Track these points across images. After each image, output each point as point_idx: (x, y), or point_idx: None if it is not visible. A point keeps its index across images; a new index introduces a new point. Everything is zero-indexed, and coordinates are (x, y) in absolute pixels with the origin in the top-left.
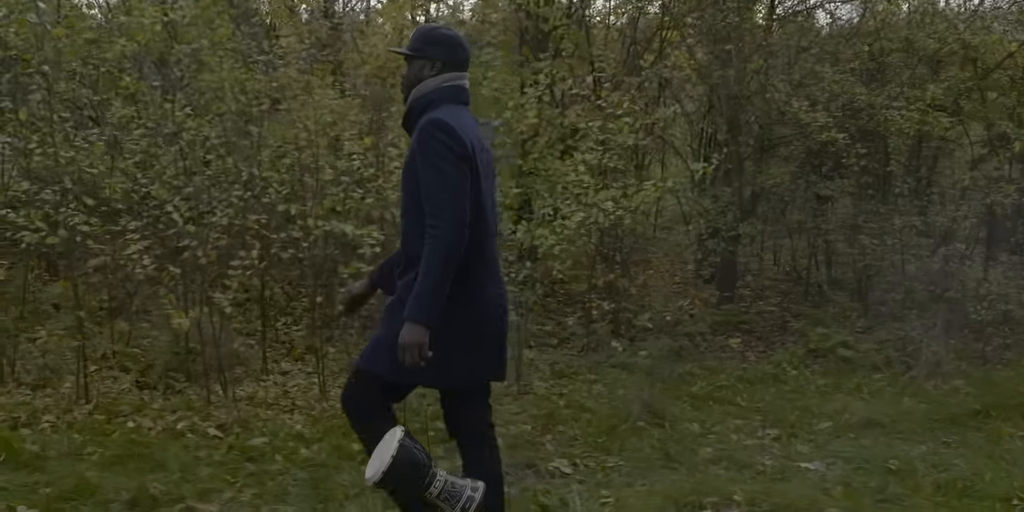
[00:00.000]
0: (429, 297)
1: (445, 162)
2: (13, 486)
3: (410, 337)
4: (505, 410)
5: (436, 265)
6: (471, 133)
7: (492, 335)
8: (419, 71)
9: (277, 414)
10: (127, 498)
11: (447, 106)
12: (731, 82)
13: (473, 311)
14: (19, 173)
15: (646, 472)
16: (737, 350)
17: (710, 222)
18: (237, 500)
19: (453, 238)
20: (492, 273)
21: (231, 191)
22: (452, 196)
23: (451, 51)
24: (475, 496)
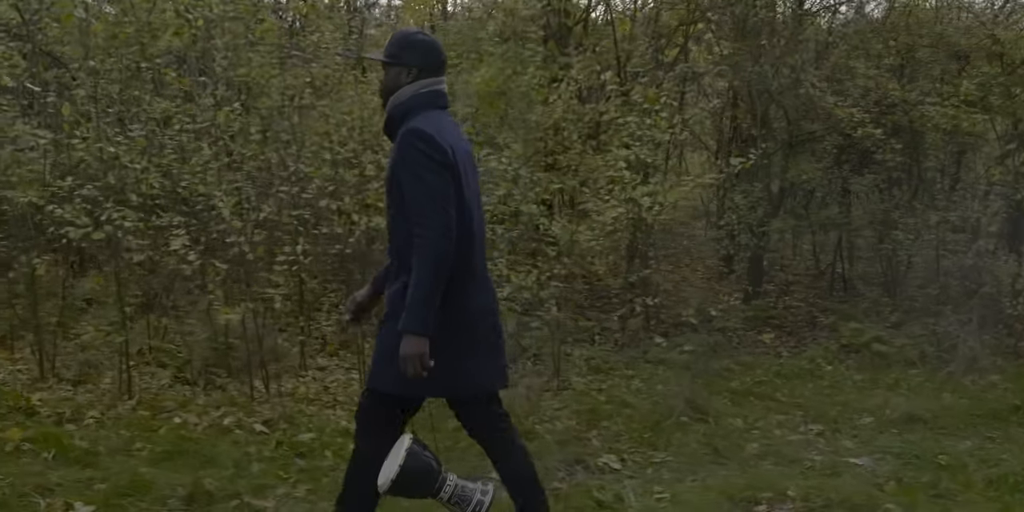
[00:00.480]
0: (423, 307)
1: (427, 171)
2: (68, 482)
3: (410, 349)
4: (547, 406)
5: (427, 275)
6: (452, 138)
7: (488, 340)
8: (396, 78)
9: (320, 409)
10: (183, 494)
11: (426, 112)
12: (768, 77)
13: (466, 317)
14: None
15: (695, 467)
16: (770, 345)
17: (741, 217)
18: (291, 496)
19: (441, 247)
20: (481, 278)
21: (277, 186)
22: (437, 205)
23: (427, 56)
24: (485, 500)
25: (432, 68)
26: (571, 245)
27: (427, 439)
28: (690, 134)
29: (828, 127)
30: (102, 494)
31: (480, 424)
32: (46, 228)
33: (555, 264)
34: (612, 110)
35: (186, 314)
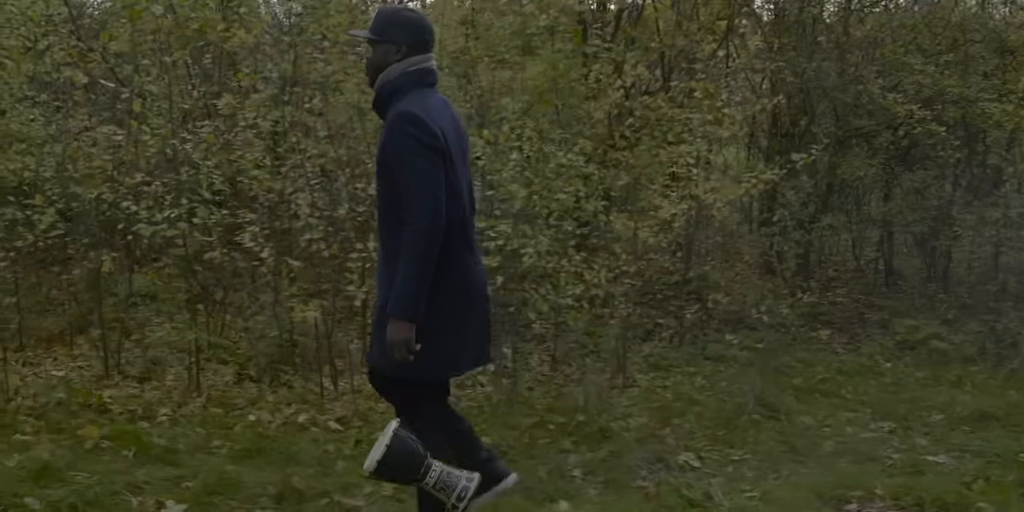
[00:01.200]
0: (410, 292)
1: (417, 156)
2: (155, 480)
3: (395, 334)
4: (617, 403)
5: (415, 260)
6: (441, 118)
7: (483, 320)
8: (384, 55)
9: (389, 407)
10: (273, 492)
11: (415, 91)
12: (831, 74)
13: (464, 297)
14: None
15: (774, 465)
16: (825, 342)
17: (793, 214)
18: (379, 494)
19: (430, 232)
20: (474, 255)
21: (353, 183)
22: (426, 189)
23: (415, 33)
24: (470, 486)
25: (420, 45)
26: (634, 242)
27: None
28: (746, 130)
29: (878, 123)
30: (192, 492)
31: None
32: (114, 224)
33: (627, 261)
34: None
35: (245, 311)
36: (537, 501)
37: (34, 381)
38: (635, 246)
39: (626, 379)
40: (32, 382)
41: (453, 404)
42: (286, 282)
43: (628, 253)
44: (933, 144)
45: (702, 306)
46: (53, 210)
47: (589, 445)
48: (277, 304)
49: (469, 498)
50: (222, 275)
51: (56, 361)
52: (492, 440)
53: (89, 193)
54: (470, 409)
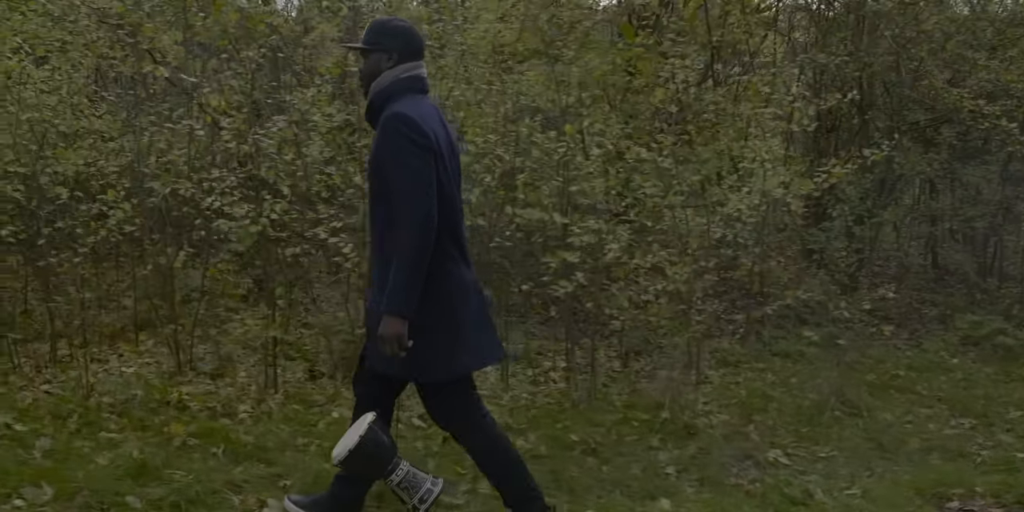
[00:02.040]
0: (404, 289)
1: (411, 156)
2: (253, 478)
3: (388, 330)
4: (693, 400)
5: (409, 258)
6: (433, 122)
7: (481, 318)
8: (376, 64)
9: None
10: (373, 491)
11: (407, 97)
12: (902, 69)
13: (457, 297)
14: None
15: (864, 462)
16: (887, 338)
17: (853, 208)
18: (476, 491)
19: (423, 230)
20: (465, 258)
21: None
22: (419, 188)
23: (406, 41)
24: (434, 489)
25: (411, 53)
26: (707, 237)
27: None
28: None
29: (934, 117)
30: (291, 491)
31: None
32: (190, 220)
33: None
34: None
35: (313, 307)
36: (636, 499)
37: (105, 378)
38: (708, 241)
39: (699, 376)
40: (104, 379)
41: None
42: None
43: (702, 248)
44: (988, 139)
45: (765, 301)
46: (128, 206)
47: (676, 442)
48: (348, 301)
49: (431, 501)
50: (290, 271)
51: (122, 357)
52: (578, 437)
53: (164, 188)
54: (548, 407)
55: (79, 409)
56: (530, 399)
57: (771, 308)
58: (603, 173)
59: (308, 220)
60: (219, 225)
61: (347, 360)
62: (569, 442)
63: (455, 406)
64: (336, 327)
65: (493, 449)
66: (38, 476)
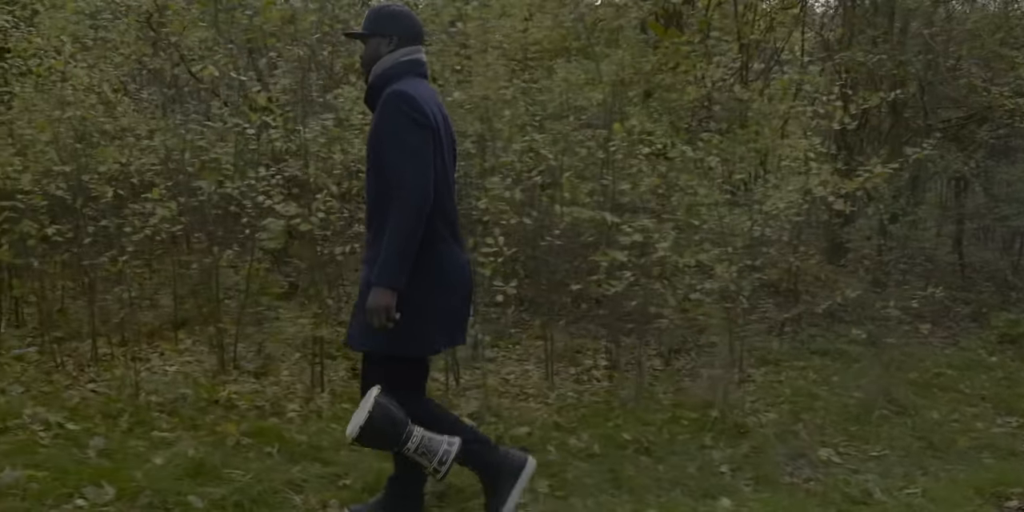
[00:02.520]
0: (396, 262)
1: (409, 133)
2: (311, 478)
3: (377, 301)
4: (740, 399)
5: (402, 231)
6: (432, 103)
7: (464, 301)
8: (376, 49)
9: (514, 402)
10: (435, 490)
11: (407, 79)
12: (941, 68)
13: (445, 277)
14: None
15: (916, 461)
16: (923, 336)
17: (887, 207)
18: (535, 490)
19: (419, 205)
20: (456, 239)
21: (488, 177)
22: (417, 165)
23: (405, 26)
24: (451, 450)
25: (410, 37)
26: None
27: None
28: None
29: (968, 115)
30: (352, 491)
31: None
32: (236, 217)
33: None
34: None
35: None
36: (695, 497)
37: (151, 376)
38: (751, 239)
39: (742, 374)
40: (149, 377)
41: None
42: None
43: (746, 246)
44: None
45: (798, 299)
46: (174, 204)
47: (727, 441)
48: None
49: (451, 462)
50: (332, 270)
51: (163, 356)
52: (630, 436)
53: (210, 186)
54: (596, 405)
55: (129, 408)
56: (576, 398)
57: (821, 307)
58: (651, 171)
59: (356, 219)
60: (268, 224)
61: None
62: (622, 441)
63: (403, 382)
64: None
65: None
66: (97, 475)
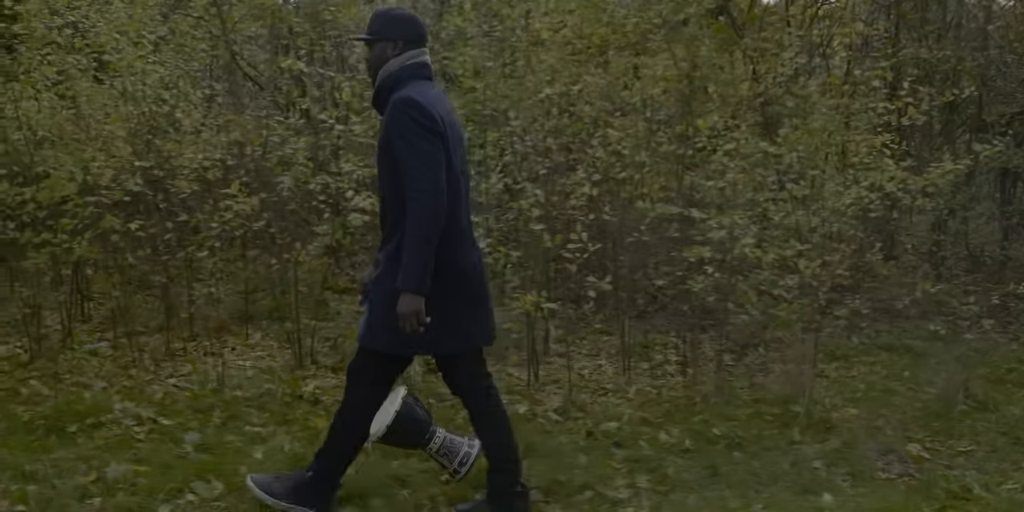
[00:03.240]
0: (418, 266)
1: (418, 138)
2: (414, 473)
3: (406, 307)
4: (821, 395)
5: (420, 237)
6: (440, 107)
7: (478, 299)
8: (382, 53)
9: (595, 397)
10: (539, 485)
11: (414, 82)
12: (1013, 65)
13: (456, 277)
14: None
15: (1005, 456)
16: (986, 330)
17: (948, 202)
18: (635, 486)
19: (433, 208)
20: (468, 239)
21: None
22: (428, 169)
23: (410, 29)
24: (472, 452)
25: (415, 40)
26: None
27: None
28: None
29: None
30: (456, 486)
31: (462, 381)
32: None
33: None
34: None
35: None
36: (795, 493)
37: (232, 371)
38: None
39: (816, 369)
40: (230, 373)
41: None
42: (508, 272)
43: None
44: None
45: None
46: (256, 200)
47: (814, 436)
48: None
49: (471, 463)
50: None
51: (235, 351)
52: (720, 432)
53: (293, 182)
54: (677, 401)
55: (219, 403)
56: (656, 393)
57: (904, 302)
58: (732, 167)
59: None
60: (352, 219)
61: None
62: (712, 436)
63: (377, 374)
64: None
65: (363, 414)
66: (201, 471)
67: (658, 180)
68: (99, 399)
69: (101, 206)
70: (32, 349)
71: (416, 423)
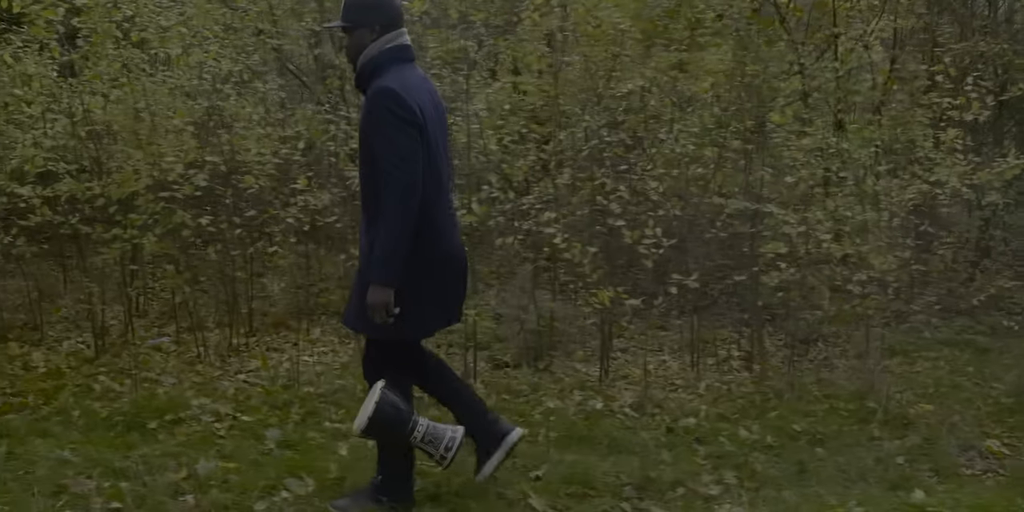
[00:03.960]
0: (388, 258)
1: (394, 129)
2: (501, 470)
3: (375, 298)
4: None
5: (392, 230)
6: (419, 93)
7: (458, 282)
8: (361, 39)
9: (666, 393)
10: (632, 482)
11: (395, 67)
12: None
13: (436, 261)
14: None
15: None
16: None
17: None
18: (723, 482)
19: (406, 202)
20: (450, 223)
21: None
22: (403, 162)
23: (385, 13)
24: (456, 437)
25: (393, 23)
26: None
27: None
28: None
29: None
30: (550, 485)
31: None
32: None
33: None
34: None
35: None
36: (885, 489)
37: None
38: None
39: (882, 365)
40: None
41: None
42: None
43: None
44: None
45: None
46: (327, 195)
47: (892, 432)
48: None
49: (456, 449)
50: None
51: (296, 346)
52: (801, 428)
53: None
54: (750, 396)
55: (296, 399)
56: (726, 388)
57: (978, 299)
58: (807, 162)
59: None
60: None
61: (532, 350)
62: (792, 433)
63: (395, 361)
64: (522, 316)
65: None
66: (292, 467)
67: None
68: (173, 395)
69: (173, 201)
70: (97, 345)
71: (398, 413)
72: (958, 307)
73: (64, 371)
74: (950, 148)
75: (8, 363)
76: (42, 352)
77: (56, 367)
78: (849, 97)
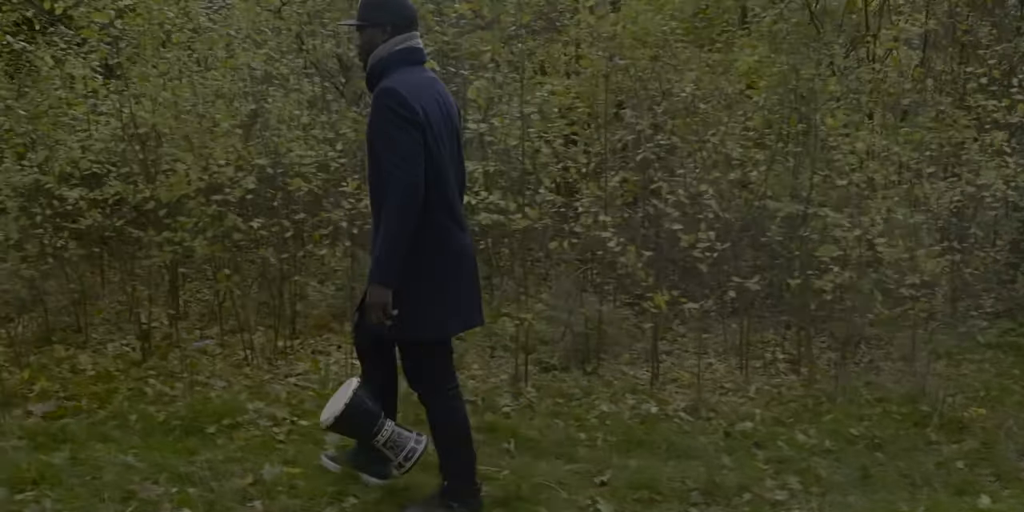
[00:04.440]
0: (387, 260)
1: (395, 129)
2: (566, 474)
3: (373, 298)
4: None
5: (391, 232)
6: (425, 95)
7: (471, 284)
8: (372, 38)
9: (718, 396)
10: (698, 487)
11: (402, 69)
12: None
13: (450, 262)
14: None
15: None
16: None
17: None
18: (789, 487)
19: (406, 203)
20: (458, 223)
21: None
22: (405, 163)
23: (398, 13)
24: (418, 447)
25: (405, 24)
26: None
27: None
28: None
29: None
30: (617, 491)
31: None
32: None
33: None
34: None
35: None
36: (950, 494)
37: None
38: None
39: (928, 368)
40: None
41: None
42: (643, 273)
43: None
44: None
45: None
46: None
47: (948, 436)
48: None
49: (416, 459)
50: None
51: (340, 349)
52: (858, 432)
53: None
54: (801, 400)
55: None
56: (775, 392)
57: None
58: (859, 165)
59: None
60: (482, 219)
61: (579, 352)
62: (850, 436)
63: (430, 367)
64: (569, 319)
65: (451, 418)
66: (352, 474)
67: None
68: (227, 398)
69: (224, 204)
70: (143, 348)
71: (367, 414)
72: (1000, 309)
73: (114, 374)
74: (998, 150)
75: (56, 366)
76: (88, 355)
77: (105, 370)
78: (888, 99)
